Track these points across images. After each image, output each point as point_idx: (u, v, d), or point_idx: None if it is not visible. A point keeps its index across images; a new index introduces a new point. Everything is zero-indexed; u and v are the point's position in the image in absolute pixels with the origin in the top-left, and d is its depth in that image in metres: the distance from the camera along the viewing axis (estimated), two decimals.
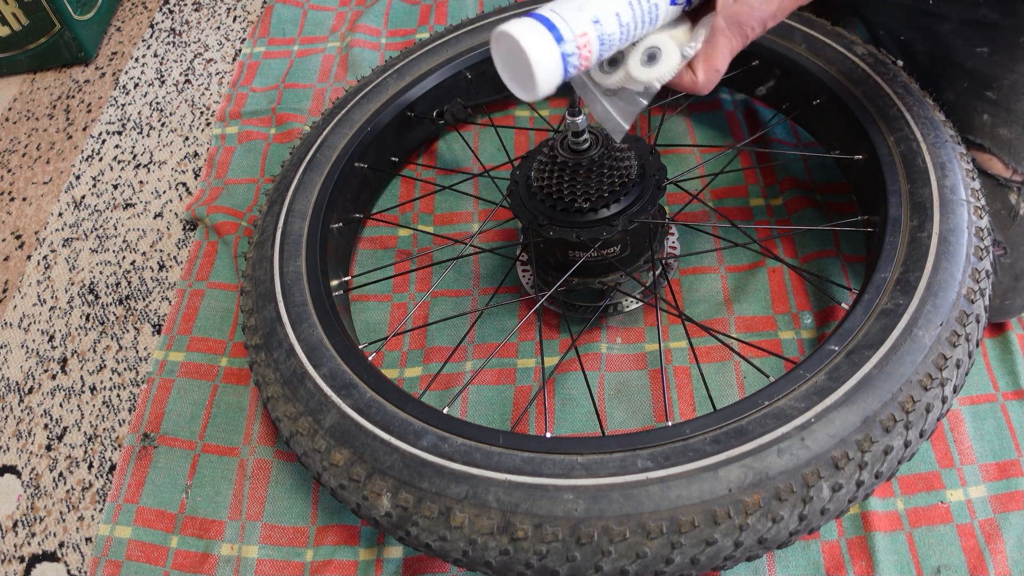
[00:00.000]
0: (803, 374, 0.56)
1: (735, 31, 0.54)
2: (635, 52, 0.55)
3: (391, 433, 0.58)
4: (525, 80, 0.51)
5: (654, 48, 0.54)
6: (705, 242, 0.84)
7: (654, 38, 0.55)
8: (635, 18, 0.52)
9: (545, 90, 0.51)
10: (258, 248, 0.75)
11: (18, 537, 0.75)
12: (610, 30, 0.51)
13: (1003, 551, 0.62)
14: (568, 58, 0.50)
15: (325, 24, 1.18)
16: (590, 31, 0.50)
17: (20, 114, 1.19)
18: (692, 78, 0.55)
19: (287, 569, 0.67)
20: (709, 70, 0.55)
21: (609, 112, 0.57)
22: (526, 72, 0.50)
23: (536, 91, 0.50)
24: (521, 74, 0.51)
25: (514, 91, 0.53)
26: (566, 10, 0.51)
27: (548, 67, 0.50)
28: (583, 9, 0.51)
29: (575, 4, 0.51)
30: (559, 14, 0.50)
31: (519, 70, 0.51)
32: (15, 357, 0.89)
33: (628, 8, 0.52)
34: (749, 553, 0.53)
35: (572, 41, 0.50)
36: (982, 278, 0.61)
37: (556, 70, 0.50)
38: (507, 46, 0.51)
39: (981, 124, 0.73)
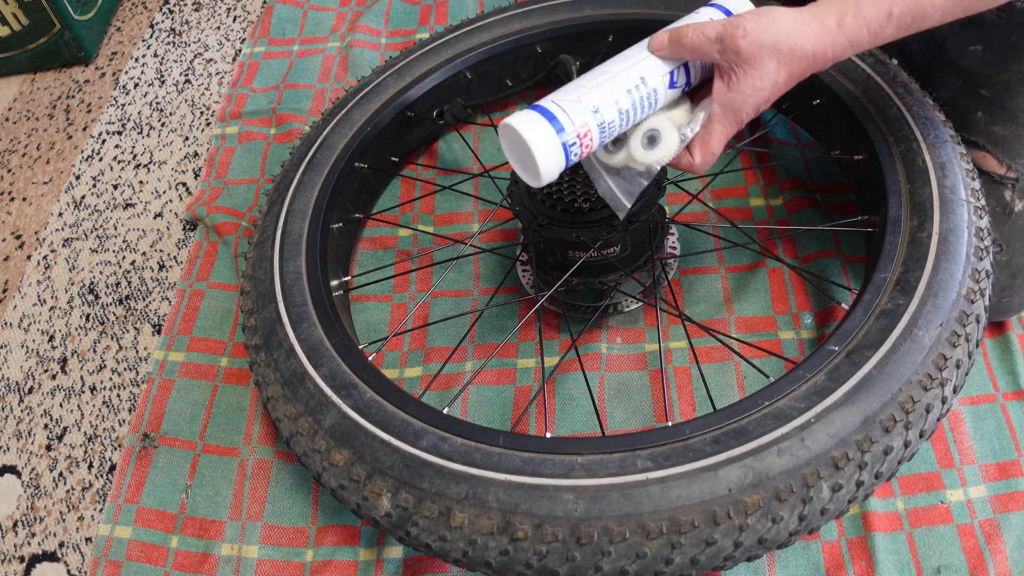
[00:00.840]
0: (803, 374, 0.56)
1: (730, 117, 0.57)
2: (637, 133, 0.58)
3: (391, 433, 0.58)
4: (530, 168, 0.55)
5: (654, 131, 0.58)
6: (705, 242, 0.84)
7: (654, 120, 0.58)
8: (634, 104, 0.56)
9: (548, 177, 0.54)
10: (258, 248, 0.75)
11: (18, 537, 0.75)
12: (610, 118, 0.55)
13: (1003, 551, 0.62)
14: (569, 147, 0.54)
15: (325, 24, 1.18)
16: (590, 120, 0.54)
17: (20, 114, 1.19)
18: (690, 160, 0.59)
19: (287, 569, 0.67)
20: (706, 153, 0.58)
21: (613, 191, 0.60)
22: (530, 161, 0.54)
23: (540, 179, 0.54)
24: (526, 162, 0.55)
25: (521, 176, 0.57)
26: (566, 101, 0.54)
27: (550, 157, 0.53)
28: (582, 100, 0.54)
29: (575, 95, 0.54)
30: (560, 106, 0.54)
31: (525, 158, 0.55)
32: (15, 357, 0.89)
33: (627, 95, 0.55)
34: (749, 553, 0.53)
35: (572, 131, 0.53)
36: (982, 278, 0.61)
37: (558, 159, 0.54)
38: (512, 137, 0.55)
39: (975, 122, 0.73)
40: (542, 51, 0.91)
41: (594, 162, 0.60)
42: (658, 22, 0.87)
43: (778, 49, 0.54)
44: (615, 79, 0.56)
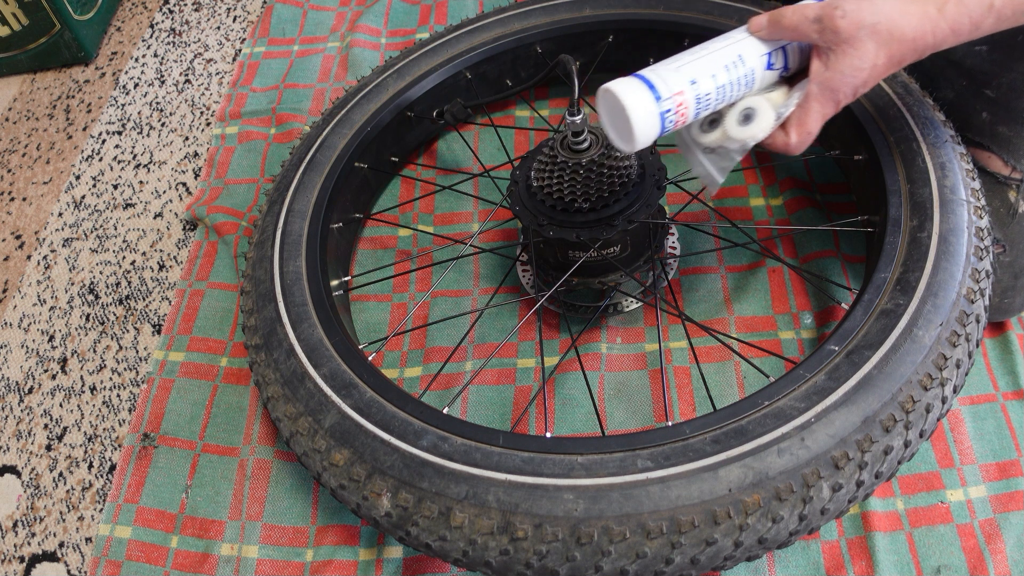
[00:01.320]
0: (803, 374, 0.56)
1: (827, 97, 0.57)
2: (732, 112, 0.59)
3: (391, 433, 0.58)
4: (625, 133, 0.56)
5: (750, 109, 0.58)
6: (705, 242, 0.84)
7: (750, 100, 0.59)
8: (731, 81, 0.57)
9: (643, 142, 0.56)
10: (258, 248, 0.75)
11: (18, 537, 0.75)
12: (706, 90, 0.56)
13: (1003, 551, 0.62)
14: (665, 115, 0.55)
15: (325, 24, 1.18)
16: (687, 90, 0.55)
17: (20, 114, 1.19)
18: (784, 139, 0.59)
19: (287, 569, 0.67)
20: (801, 132, 0.58)
21: (707, 168, 0.61)
22: (626, 126, 0.56)
23: (635, 143, 0.56)
24: (622, 127, 0.57)
25: (615, 143, 0.59)
26: (666, 71, 0.56)
27: (646, 122, 0.55)
28: (680, 71, 0.56)
29: (674, 66, 0.56)
30: (659, 74, 0.56)
31: (620, 124, 0.57)
32: (15, 357, 0.89)
33: (724, 71, 0.57)
34: (749, 553, 0.53)
35: (669, 99, 0.55)
36: (982, 278, 0.61)
37: (654, 125, 0.55)
38: (610, 102, 0.56)
39: (980, 122, 0.73)
40: (542, 51, 0.91)
41: (688, 140, 0.62)
42: (658, 22, 0.88)
43: (877, 31, 0.54)
44: (713, 55, 0.57)
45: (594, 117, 0.93)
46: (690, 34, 0.86)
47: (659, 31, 0.88)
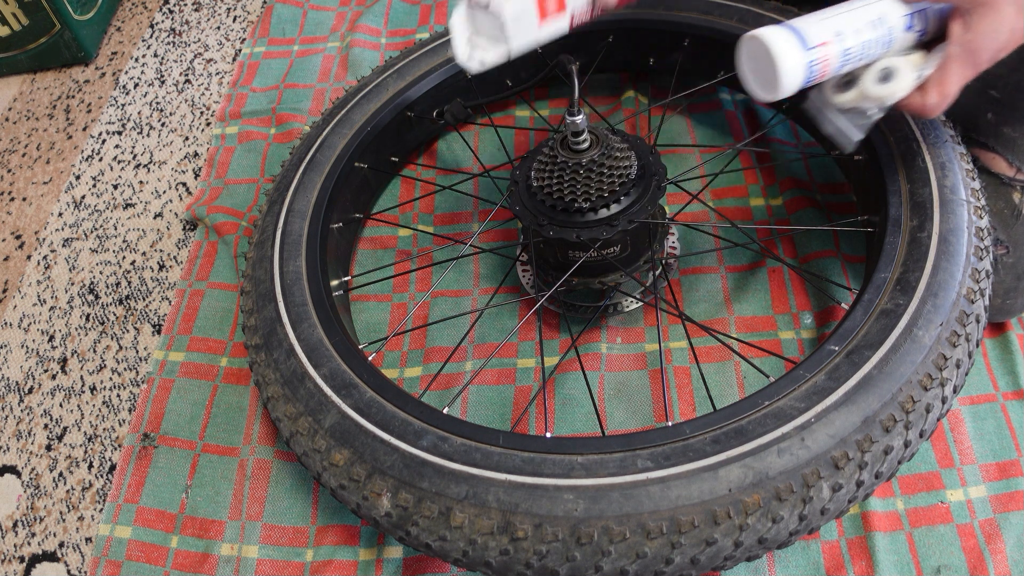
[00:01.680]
0: (803, 374, 0.56)
1: (968, 60, 0.57)
2: (870, 72, 0.60)
3: (391, 433, 0.58)
4: (769, 81, 0.57)
5: (889, 69, 0.59)
6: (705, 242, 0.84)
7: (889, 60, 0.59)
8: (873, 38, 0.58)
9: (788, 90, 0.57)
10: (258, 248, 0.75)
11: (18, 537, 0.75)
12: (850, 44, 0.57)
13: (1003, 551, 0.62)
14: (811, 64, 0.56)
15: (325, 24, 1.18)
16: (832, 41, 0.56)
17: (20, 114, 1.19)
18: (921, 100, 0.59)
19: (287, 569, 0.67)
20: (940, 93, 0.58)
21: (842, 126, 0.62)
22: (772, 75, 0.57)
23: (780, 91, 0.57)
24: (766, 75, 0.58)
25: (754, 92, 0.60)
26: (812, 22, 0.57)
27: (793, 69, 0.56)
28: (827, 22, 0.57)
29: (819, 17, 0.57)
30: (806, 24, 0.57)
31: (764, 72, 0.58)
32: (15, 357, 0.89)
33: (869, 27, 0.58)
34: (749, 553, 0.53)
35: (816, 48, 0.56)
36: (982, 278, 0.61)
37: (799, 73, 0.56)
38: (755, 49, 0.58)
39: (985, 123, 0.73)
40: (542, 51, 0.91)
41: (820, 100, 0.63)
42: (658, 22, 0.88)
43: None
44: (856, 12, 0.58)
45: (594, 117, 0.93)
46: (690, 34, 0.86)
47: (659, 31, 0.88)
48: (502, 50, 0.60)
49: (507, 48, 0.60)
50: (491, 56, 0.60)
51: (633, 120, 0.95)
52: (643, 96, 0.98)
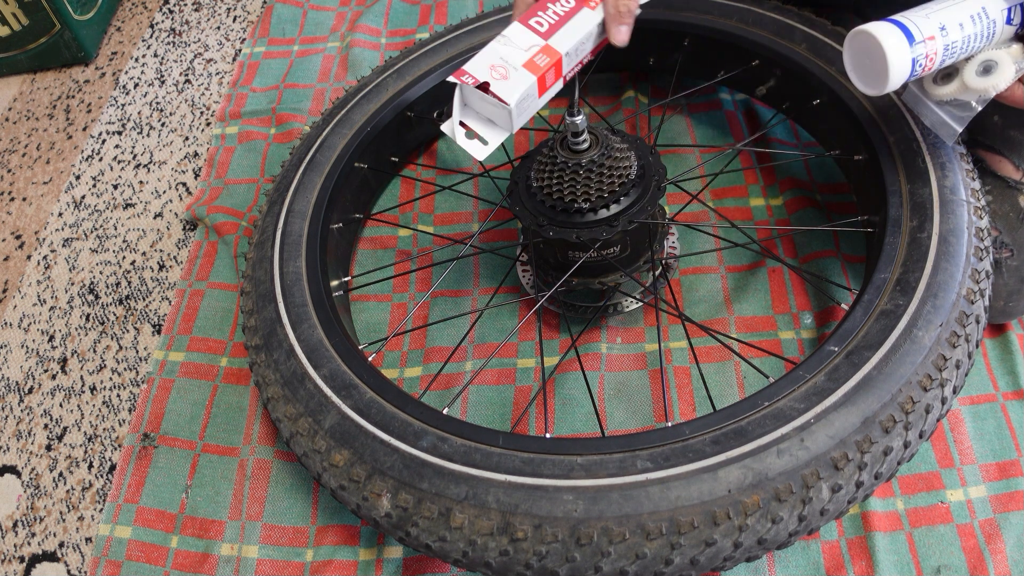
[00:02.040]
0: (803, 375, 0.56)
1: None
2: (970, 65, 0.61)
3: (391, 434, 0.58)
4: (877, 76, 0.59)
5: (990, 61, 0.60)
6: (705, 242, 0.84)
7: (989, 53, 0.60)
8: (975, 31, 0.59)
9: (894, 85, 0.59)
10: (258, 248, 0.75)
11: (18, 537, 0.75)
12: (954, 38, 0.58)
13: (1003, 551, 0.62)
14: (916, 60, 0.57)
15: (325, 24, 1.18)
16: (937, 36, 0.57)
17: (20, 114, 1.19)
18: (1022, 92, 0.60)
19: (287, 569, 0.67)
20: None
21: (942, 118, 0.64)
22: (879, 68, 0.58)
23: (887, 86, 0.59)
24: (872, 70, 0.59)
25: (860, 87, 0.62)
26: (917, 17, 0.58)
27: (900, 65, 0.57)
28: (930, 18, 0.58)
29: (923, 13, 0.58)
30: (911, 20, 0.58)
31: (871, 66, 0.59)
32: (15, 357, 0.89)
33: (971, 21, 0.58)
34: (749, 554, 0.53)
35: (922, 43, 0.58)
36: (982, 279, 0.61)
37: (906, 68, 0.58)
38: (863, 44, 0.59)
39: (991, 125, 0.72)
40: None
41: (919, 93, 0.65)
42: (658, 22, 0.88)
43: None
44: (959, 5, 0.59)
45: (594, 117, 0.93)
46: (690, 34, 0.86)
47: (659, 31, 0.88)
48: (505, 134, 0.62)
49: (511, 131, 0.62)
50: (495, 140, 0.63)
51: (633, 120, 0.95)
52: (643, 96, 0.97)
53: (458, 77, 0.60)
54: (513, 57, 0.61)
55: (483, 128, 0.62)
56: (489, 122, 0.62)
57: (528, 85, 0.60)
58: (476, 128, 0.62)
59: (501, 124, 0.62)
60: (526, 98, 0.61)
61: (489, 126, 0.63)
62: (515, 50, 0.62)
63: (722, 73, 0.85)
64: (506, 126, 0.62)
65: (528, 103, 0.62)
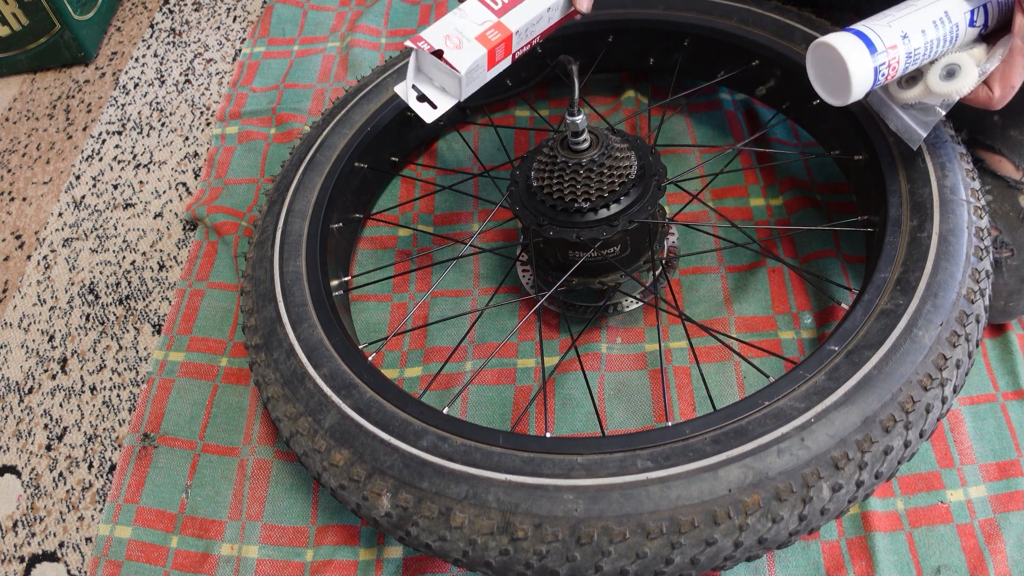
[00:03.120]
0: (803, 374, 0.56)
1: None
2: (934, 69, 0.60)
3: (391, 433, 0.58)
4: (839, 87, 0.59)
5: (953, 65, 0.59)
6: (705, 242, 0.84)
7: (953, 56, 0.60)
8: (938, 36, 0.58)
9: (857, 96, 0.58)
10: (258, 248, 0.75)
11: (18, 537, 0.75)
12: (916, 45, 0.58)
13: (1003, 551, 0.62)
14: (879, 69, 0.57)
15: (325, 24, 1.18)
16: (899, 44, 0.57)
17: (20, 114, 1.19)
18: (988, 94, 0.59)
19: (287, 569, 0.67)
20: (1005, 86, 0.58)
21: (907, 122, 0.63)
22: (841, 80, 0.58)
23: (849, 97, 0.58)
24: (835, 81, 0.59)
25: (825, 97, 0.61)
26: (878, 25, 0.57)
27: (862, 76, 0.57)
28: (892, 26, 0.57)
29: (885, 20, 0.58)
30: (872, 29, 0.57)
31: (834, 77, 0.59)
32: (15, 357, 0.89)
33: (933, 27, 0.58)
34: (749, 553, 0.53)
35: (883, 53, 0.57)
36: (982, 278, 0.61)
37: (868, 78, 0.57)
38: (824, 55, 0.59)
39: (991, 125, 0.72)
40: (542, 51, 0.91)
41: (884, 97, 0.64)
42: (658, 22, 0.88)
43: None
44: (921, 10, 0.58)
45: (594, 117, 0.93)
46: (690, 34, 0.86)
47: (659, 31, 0.88)
48: (453, 100, 0.65)
49: (459, 99, 0.65)
50: (444, 105, 0.66)
51: (633, 120, 0.95)
52: (643, 96, 0.97)
53: (415, 42, 0.63)
54: (467, 29, 0.64)
55: (434, 93, 0.66)
56: (441, 89, 0.66)
57: (478, 56, 0.63)
58: (428, 93, 0.65)
59: (451, 91, 0.65)
60: (475, 68, 0.63)
61: (440, 92, 0.66)
62: (470, 23, 0.64)
63: (722, 73, 0.85)
64: (455, 93, 0.65)
65: (477, 74, 0.64)
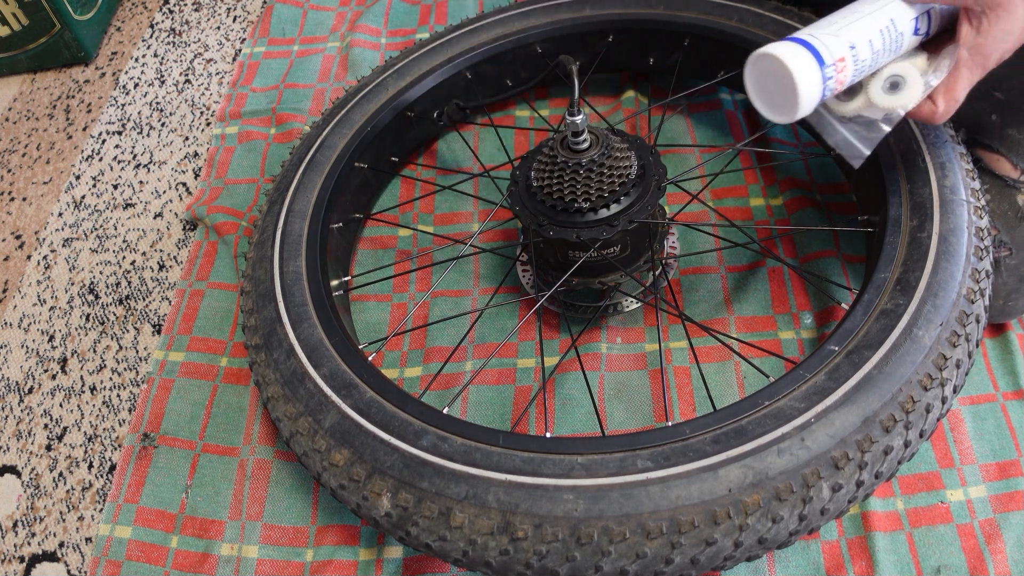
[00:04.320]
0: (803, 374, 0.56)
1: (977, 63, 0.56)
2: (876, 80, 0.56)
3: (391, 433, 0.58)
4: (784, 102, 0.54)
5: (897, 77, 0.56)
6: (705, 242, 0.84)
7: (897, 66, 0.56)
8: (884, 46, 0.54)
9: (805, 112, 0.53)
10: (258, 248, 0.75)
11: (18, 537, 0.75)
12: (863, 56, 0.53)
13: (1003, 551, 0.62)
14: (827, 81, 0.52)
15: (325, 24, 1.18)
16: (847, 56, 0.53)
17: (20, 114, 1.19)
18: (932, 107, 0.57)
19: (287, 569, 0.67)
20: (950, 100, 0.56)
21: (848, 139, 0.59)
22: (788, 94, 0.53)
23: (796, 113, 0.53)
24: (779, 96, 0.54)
25: (767, 115, 0.56)
26: (824, 35, 0.53)
27: (811, 90, 0.52)
28: (839, 35, 0.53)
29: (831, 30, 0.53)
30: (819, 39, 0.52)
31: (778, 92, 0.53)
32: (15, 357, 0.89)
33: (879, 36, 0.54)
34: (749, 553, 0.53)
35: (832, 65, 0.52)
36: (982, 278, 0.61)
37: (816, 92, 0.52)
38: (767, 68, 0.53)
39: (990, 124, 0.72)
40: (542, 51, 0.91)
41: (824, 113, 0.59)
42: (658, 22, 0.88)
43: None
44: (867, 18, 0.54)
45: (594, 117, 0.93)
46: (690, 34, 0.86)
47: (659, 31, 0.88)
48: None
49: None
50: None
51: (633, 120, 0.95)
52: (643, 96, 0.97)
53: None
54: None
55: None
56: None
57: None
58: None
59: None
60: None
61: None
62: None
63: (722, 73, 0.85)
64: None
65: None
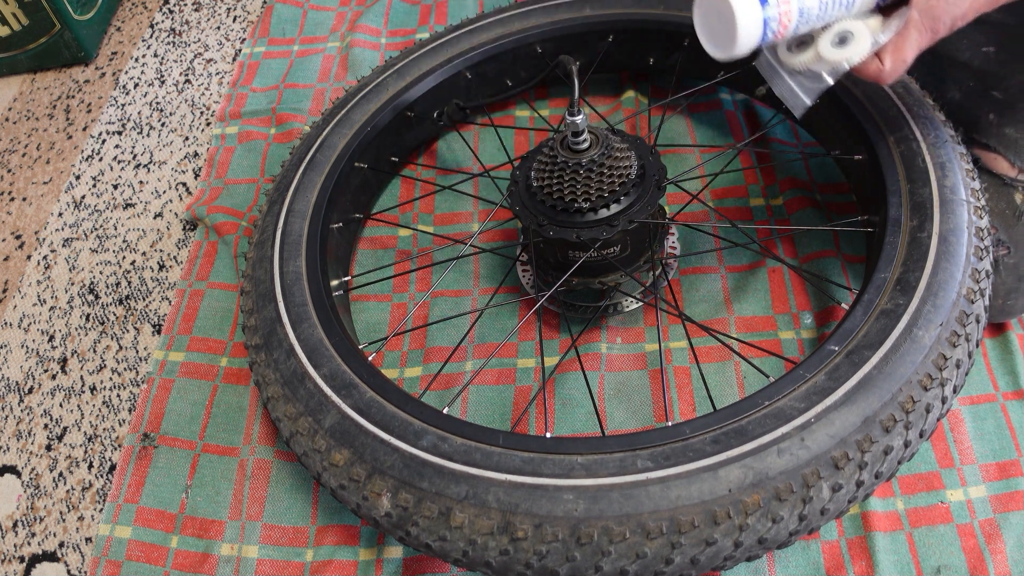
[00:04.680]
0: (803, 374, 0.56)
1: (927, 25, 0.56)
2: (826, 34, 0.58)
3: (391, 433, 0.58)
4: (725, 39, 0.56)
5: (846, 32, 0.57)
6: (705, 242, 0.84)
7: (847, 23, 0.57)
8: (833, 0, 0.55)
9: (744, 48, 0.55)
10: (258, 248, 0.75)
11: (18, 537, 0.75)
12: (810, 3, 0.55)
13: (1003, 551, 0.62)
14: (768, 22, 0.54)
15: (325, 24, 1.18)
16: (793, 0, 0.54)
17: (20, 114, 1.19)
18: (878, 66, 0.57)
19: (287, 569, 0.67)
20: (897, 60, 0.57)
21: (793, 88, 0.60)
22: (728, 30, 0.55)
23: (735, 49, 0.55)
24: (722, 33, 0.56)
25: (710, 50, 0.58)
26: None
27: (750, 27, 0.54)
28: None
29: None
30: None
31: (720, 29, 0.56)
32: (15, 357, 0.89)
33: None
34: (749, 553, 0.53)
35: (775, 6, 0.54)
36: (982, 278, 0.61)
37: (757, 31, 0.54)
38: (712, 4, 0.56)
39: (987, 123, 0.72)
40: (542, 51, 0.91)
41: (773, 61, 0.61)
42: (658, 22, 0.88)
43: None
44: None
45: (594, 117, 0.93)
46: (690, 34, 0.86)
47: (659, 31, 0.88)
48: None
49: None
50: None
51: (633, 120, 0.95)
52: (643, 96, 0.98)
53: None
54: None
55: None
56: None
57: None
58: None
59: None
60: None
61: None
62: None
63: (722, 73, 0.85)
64: None
65: None
